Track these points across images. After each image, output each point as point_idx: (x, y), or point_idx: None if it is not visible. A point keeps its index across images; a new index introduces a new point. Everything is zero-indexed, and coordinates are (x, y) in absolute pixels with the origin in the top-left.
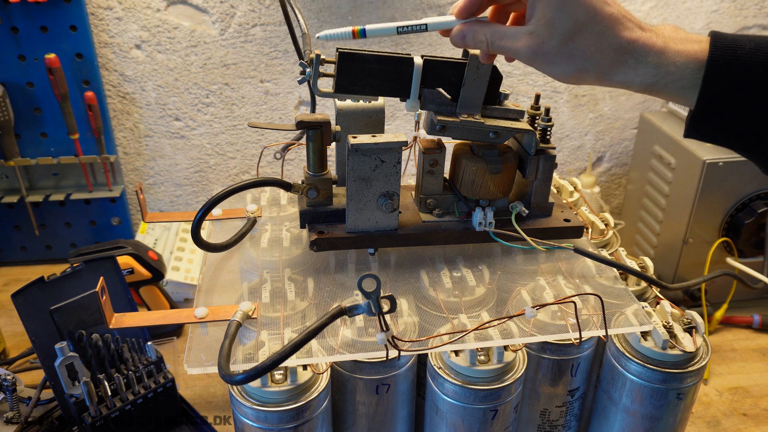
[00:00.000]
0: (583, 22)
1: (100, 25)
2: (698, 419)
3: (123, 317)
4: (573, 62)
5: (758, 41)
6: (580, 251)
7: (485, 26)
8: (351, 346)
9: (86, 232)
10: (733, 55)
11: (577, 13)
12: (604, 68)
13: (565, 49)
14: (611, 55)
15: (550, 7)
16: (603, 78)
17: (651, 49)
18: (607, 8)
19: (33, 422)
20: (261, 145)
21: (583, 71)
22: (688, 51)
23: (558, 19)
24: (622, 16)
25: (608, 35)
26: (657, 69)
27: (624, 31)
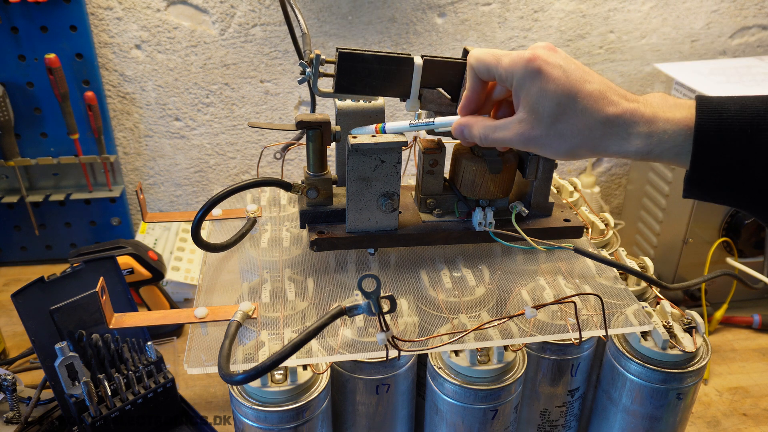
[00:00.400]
0: (564, 103)
1: (100, 25)
2: (698, 419)
3: (123, 317)
4: (564, 142)
5: (743, 102)
6: (580, 251)
7: (479, 121)
8: (351, 346)
9: (86, 232)
10: (719, 119)
11: (557, 96)
12: (595, 143)
13: (553, 131)
14: (600, 130)
15: (532, 95)
16: (597, 151)
17: (640, 119)
18: (587, 86)
19: (33, 422)
20: (261, 145)
21: (575, 148)
22: (677, 118)
23: (540, 105)
24: (604, 91)
25: (592, 112)
26: (649, 138)
27: (608, 107)
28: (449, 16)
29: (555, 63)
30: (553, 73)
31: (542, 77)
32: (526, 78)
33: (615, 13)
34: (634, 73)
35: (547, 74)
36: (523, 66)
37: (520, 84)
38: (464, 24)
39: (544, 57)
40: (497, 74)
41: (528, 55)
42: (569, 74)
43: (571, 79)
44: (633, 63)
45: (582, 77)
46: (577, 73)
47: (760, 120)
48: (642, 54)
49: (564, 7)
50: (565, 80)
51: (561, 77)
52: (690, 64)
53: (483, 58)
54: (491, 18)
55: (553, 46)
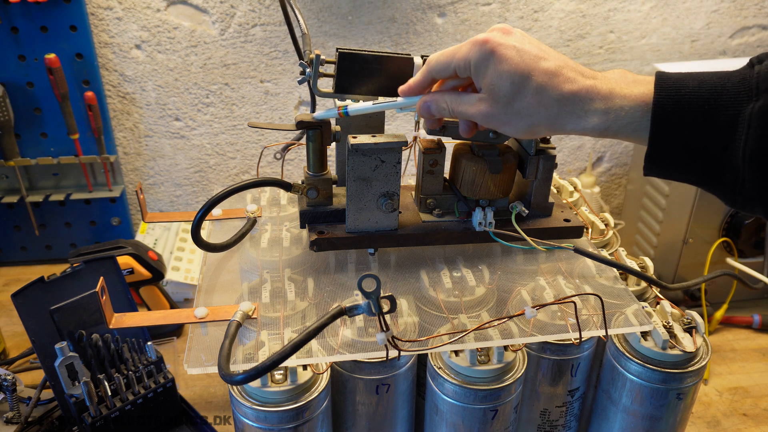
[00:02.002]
0: (519, 82)
1: (100, 25)
2: (698, 419)
3: (123, 317)
4: (522, 120)
5: (701, 78)
6: (580, 251)
7: (445, 94)
8: (351, 346)
9: (86, 232)
10: (678, 95)
11: (511, 75)
12: (552, 120)
13: (510, 109)
14: (556, 107)
15: (488, 76)
16: (555, 128)
17: (596, 96)
18: (542, 63)
19: (33, 422)
20: (261, 145)
21: (533, 126)
22: (635, 94)
23: (497, 85)
24: (561, 68)
25: (548, 89)
26: (606, 115)
27: (564, 84)
28: (449, 16)
29: (508, 44)
30: (506, 53)
31: (496, 58)
32: (481, 61)
33: (615, 13)
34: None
35: (501, 55)
36: (477, 50)
37: (477, 67)
38: (464, 24)
39: (498, 39)
40: (456, 66)
41: (482, 39)
42: (523, 53)
43: (525, 58)
44: (633, 63)
45: (537, 55)
46: (532, 51)
47: (717, 96)
48: (642, 54)
49: (564, 7)
50: (518, 60)
51: (514, 57)
52: (690, 64)
53: (440, 59)
54: (491, 18)
55: (510, 28)
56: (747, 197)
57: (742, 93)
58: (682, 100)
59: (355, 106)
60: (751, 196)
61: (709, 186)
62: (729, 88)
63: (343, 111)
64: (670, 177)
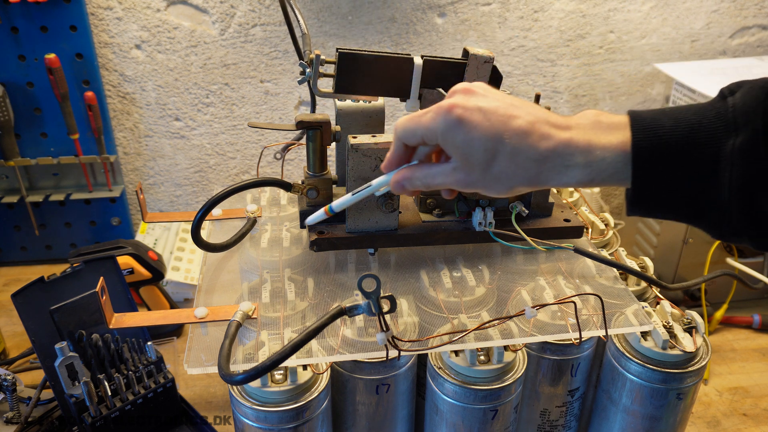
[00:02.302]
0: (492, 148)
1: (100, 25)
2: (698, 419)
3: (123, 317)
4: (501, 183)
5: (676, 116)
6: (580, 251)
7: (416, 170)
8: (351, 346)
9: (86, 232)
10: (655, 136)
11: (483, 143)
12: (533, 179)
13: (489, 175)
14: (535, 168)
15: (459, 145)
16: (537, 185)
17: (575, 150)
18: (514, 123)
19: (33, 422)
20: (261, 145)
21: (514, 187)
22: (614, 144)
23: (470, 153)
24: (533, 125)
25: (523, 151)
26: (588, 168)
27: (540, 142)
28: (449, 16)
29: (474, 107)
30: (473, 118)
31: (463, 126)
32: (448, 131)
33: (615, 13)
34: (634, 73)
35: (468, 122)
36: (442, 119)
37: (444, 137)
38: (464, 24)
39: (462, 103)
40: (423, 136)
41: (446, 106)
42: (490, 115)
43: (493, 122)
44: (633, 63)
45: (506, 114)
46: (500, 111)
47: (695, 134)
48: (642, 54)
49: (564, 7)
50: (487, 124)
51: (482, 121)
52: (690, 64)
53: (406, 126)
54: (491, 18)
55: (471, 87)
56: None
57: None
58: (660, 142)
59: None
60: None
61: (695, 222)
62: (705, 124)
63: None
64: (654, 216)
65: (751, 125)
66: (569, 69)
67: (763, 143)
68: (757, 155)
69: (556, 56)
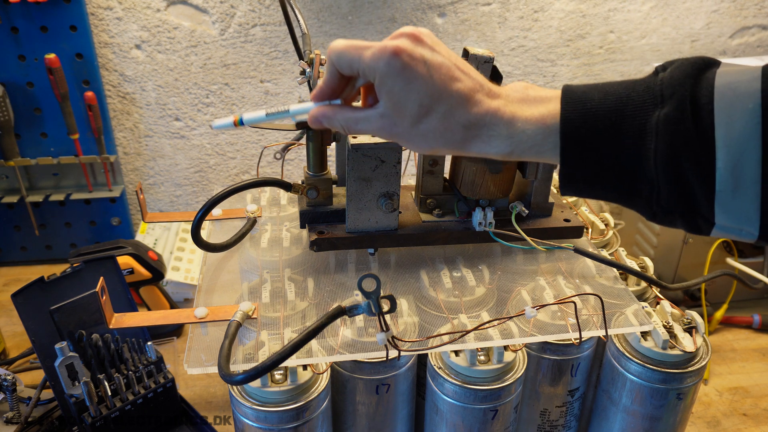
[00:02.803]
0: (428, 105)
1: (100, 25)
2: (698, 419)
3: (123, 317)
4: (426, 141)
5: (607, 89)
6: (580, 251)
7: (338, 112)
8: (351, 346)
9: (86, 232)
10: (584, 108)
11: (421, 96)
12: (456, 144)
13: (415, 131)
14: (461, 132)
15: (395, 92)
16: (459, 151)
17: (500, 120)
18: (455, 85)
19: (33, 422)
20: (261, 145)
21: (436, 148)
22: (535, 117)
23: (403, 104)
24: (472, 90)
25: (456, 114)
26: (510, 139)
27: (472, 107)
28: (449, 16)
29: (420, 57)
30: (417, 69)
31: (405, 75)
32: (389, 74)
33: (615, 13)
34: (634, 73)
35: (411, 71)
36: (386, 61)
37: (383, 80)
38: (464, 24)
39: (409, 50)
40: (360, 69)
41: (391, 48)
42: (434, 72)
43: (435, 79)
44: (633, 63)
45: (449, 75)
46: (443, 69)
47: (623, 106)
48: (642, 54)
49: (564, 7)
50: (429, 80)
51: (425, 76)
52: None
53: (345, 52)
54: (491, 18)
55: (420, 35)
56: (665, 209)
57: (648, 101)
58: (589, 113)
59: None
60: (669, 208)
61: (627, 201)
62: (634, 97)
63: (239, 120)
64: (587, 195)
65: (677, 96)
66: (569, 69)
67: (690, 115)
68: (683, 126)
69: (556, 56)
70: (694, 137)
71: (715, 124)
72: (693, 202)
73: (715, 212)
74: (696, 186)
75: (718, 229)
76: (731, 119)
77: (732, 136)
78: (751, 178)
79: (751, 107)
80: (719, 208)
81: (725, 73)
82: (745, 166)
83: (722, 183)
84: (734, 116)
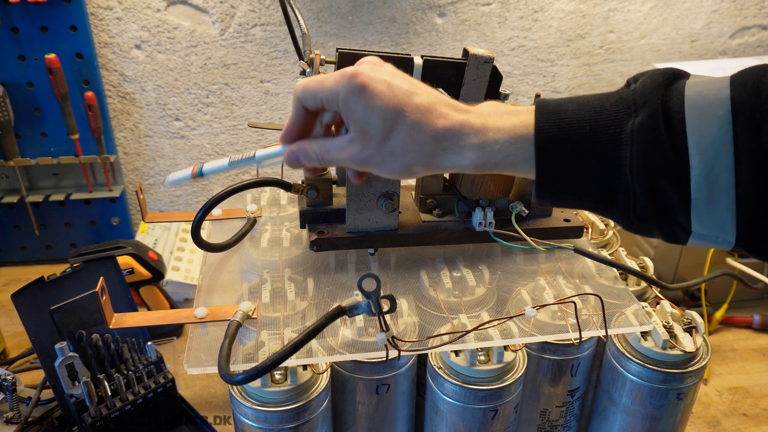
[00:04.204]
0: (392, 119)
1: (100, 25)
2: (698, 419)
3: (123, 317)
4: (396, 160)
5: (581, 101)
6: (580, 251)
7: (312, 143)
8: (351, 346)
9: (86, 232)
10: (558, 119)
11: (384, 111)
12: (428, 159)
13: (384, 149)
14: (431, 145)
15: (359, 113)
16: (431, 167)
17: (470, 130)
18: (415, 99)
19: (33, 422)
20: (261, 145)
21: (409, 166)
22: (507, 127)
23: (368, 123)
24: (434, 104)
25: (421, 127)
26: (481, 150)
27: (437, 120)
28: (449, 16)
29: (379, 78)
30: (377, 88)
31: (366, 93)
32: (350, 96)
33: (615, 13)
34: (634, 73)
35: (372, 90)
36: (346, 84)
37: (346, 103)
38: (464, 24)
39: (368, 72)
40: (323, 98)
41: (350, 72)
42: (394, 88)
43: (396, 93)
44: (633, 63)
45: (409, 90)
46: (403, 86)
47: (597, 116)
48: (642, 54)
49: (564, 7)
50: (390, 95)
51: (386, 92)
52: (690, 64)
53: (308, 86)
54: (491, 18)
55: (379, 61)
56: (641, 218)
57: (621, 111)
58: (563, 123)
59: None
60: (646, 217)
61: (604, 210)
62: (608, 107)
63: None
64: (564, 204)
65: (650, 105)
66: (569, 69)
67: (662, 123)
68: (656, 134)
69: (556, 56)
70: (667, 145)
71: (687, 132)
72: (669, 210)
73: (691, 220)
74: (671, 194)
75: (695, 238)
76: (703, 127)
77: (704, 144)
78: (725, 185)
79: (722, 114)
80: (695, 216)
81: (695, 83)
82: (719, 174)
83: (697, 191)
84: (705, 124)
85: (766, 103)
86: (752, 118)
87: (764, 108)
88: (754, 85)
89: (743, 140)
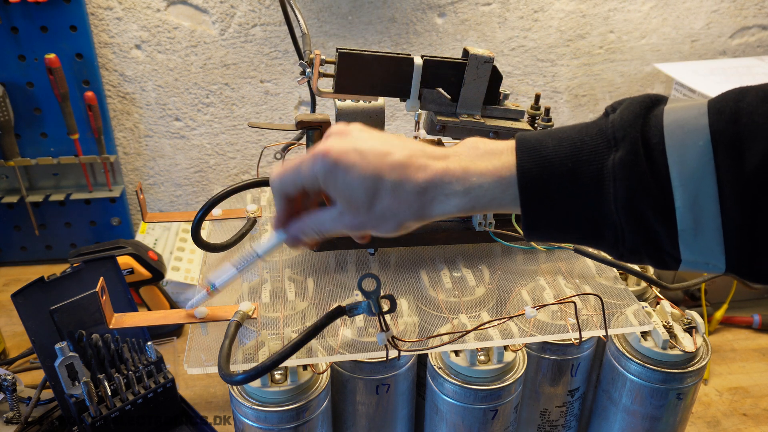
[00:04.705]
0: (372, 187)
1: (100, 25)
2: (698, 419)
3: (123, 317)
4: (388, 221)
5: (560, 135)
6: (580, 251)
7: (306, 221)
8: (351, 346)
9: (86, 232)
10: (539, 156)
11: (362, 182)
12: (417, 213)
13: (374, 215)
14: (416, 201)
15: (339, 189)
16: (424, 219)
17: (451, 178)
18: (389, 159)
19: (33, 422)
20: (261, 145)
21: (401, 223)
22: (490, 170)
23: (352, 195)
24: (409, 157)
25: (402, 185)
26: (467, 195)
27: (417, 174)
28: (449, 16)
29: (348, 149)
30: (349, 159)
31: (341, 168)
32: (327, 176)
33: (615, 13)
34: (634, 73)
35: (344, 163)
36: (320, 165)
37: (326, 182)
38: (464, 24)
39: (336, 146)
40: (303, 183)
41: (321, 151)
42: (366, 155)
43: (370, 160)
44: (633, 63)
45: (381, 151)
46: (375, 148)
47: (578, 152)
48: (642, 54)
49: (564, 7)
50: (364, 163)
51: (359, 162)
52: (690, 64)
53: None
54: (491, 18)
55: (345, 128)
56: (631, 250)
57: (602, 145)
58: (545, 161)
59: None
60: (635, 249)
61: (593, 244)
62: (588, 141)
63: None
64: (553, 240)
65: (629, 139)
66: (569, 69)
67: (643, 157)
68: (638, 169)
69: (556, 56)
70: (649, 179)
71: (668, 164)
72: (658, 241)
73: (680, 250)
74: (658, 226)
75: (686, 265)
76: (684, 158)
77: (686, 175)
78: (710, 214)
79: (702, 144)
80: (684, 246)
81: (672, 110)
82: (703, 203)
83: (683, 222)
84: (686, 155)
85: (744, 131)
86: (732, 146)
87: (743, 136)
88: (731, 112)
89: (725, 169)
